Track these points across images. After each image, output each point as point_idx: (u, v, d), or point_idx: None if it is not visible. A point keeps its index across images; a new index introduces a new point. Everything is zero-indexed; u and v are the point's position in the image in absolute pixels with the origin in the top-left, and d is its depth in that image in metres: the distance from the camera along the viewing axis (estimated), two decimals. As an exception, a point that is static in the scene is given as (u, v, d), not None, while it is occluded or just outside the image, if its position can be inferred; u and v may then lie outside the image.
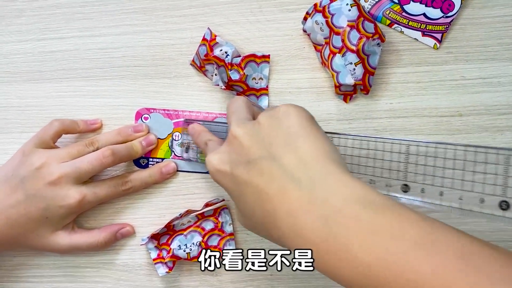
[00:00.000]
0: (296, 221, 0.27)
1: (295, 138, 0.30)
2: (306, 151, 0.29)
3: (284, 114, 0.31)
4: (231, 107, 0.36)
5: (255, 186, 0.29)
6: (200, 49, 0.44)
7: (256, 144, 0.31)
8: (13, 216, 0.40)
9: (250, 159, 0.30)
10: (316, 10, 0.42)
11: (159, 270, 0.43)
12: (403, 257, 0.23)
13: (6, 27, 0.47)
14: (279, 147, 0.30)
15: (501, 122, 0.43)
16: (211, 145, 0.37)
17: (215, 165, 0.32)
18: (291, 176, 0.28)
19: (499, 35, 0.43)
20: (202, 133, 0.40)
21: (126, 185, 0.43)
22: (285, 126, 0.31)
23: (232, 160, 0.31)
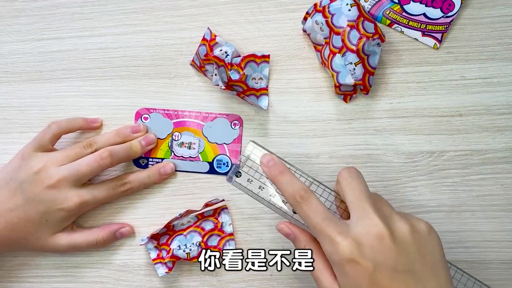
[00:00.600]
0: None
1: (439, 266, 0.33)
2: (445, 281, 0.32)
3: (430, 236, 0.33)
4: (357, 183, 0.35)
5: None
6: (200, 49, 0.44)
7: (404, 256, 0.32)
8: (13, 219, 0.40)
9: (398, 269, 0.31)
10: (316, 10, 0.42)
11: (158, 270, 0.43)
12: None
13: (6, 27, 0.47)
14: (426, 269, 0.32)
15: (501, 122, 0.43)
16: (316, 205, 0.34)
17: (355, 255, 0.31)
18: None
19: (499, 35, 0.43)
20: (285, 171, 0.36)
21: (125, 187, 0.43)
22: (431, 250, 0.33)
23: (376, 260, 0.31)
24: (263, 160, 0.37)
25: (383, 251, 0.31)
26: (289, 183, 0.35)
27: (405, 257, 0.32)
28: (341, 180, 0.35)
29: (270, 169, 0.37)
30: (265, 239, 0.44)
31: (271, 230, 0.44)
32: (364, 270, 0.31)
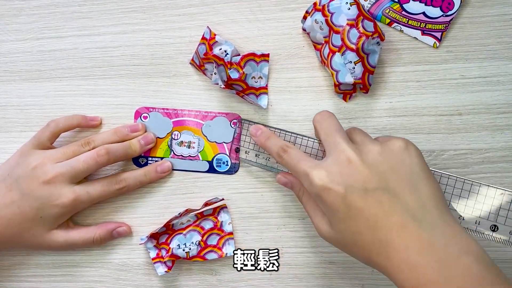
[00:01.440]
0: (412, 257, 0.29)
1: (417, 179, 0.32)
2: (427, 194, 0.32)
3: (405, 151, 0.34)
4: (329, 122, 0.37)
5: (371, 214, 0.31)
6: (199, 48, 0.44)
7: (374, 175, 0.32)
8: (8, 215, 0.40)
9: (368, 188, 0.32)
10: (316, 9, 0.42)
11: (158, 270, 0.43)
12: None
13: (5, 26, 0.47)
14: (401, 184, 0.32)
15: (500, 121, 0.43)
16: (295, 153, 0.37)
17: (326, 182, 0.33)
18: (412, 215, 0.31)
19: (498, 33, 0.43)
20: (272, 137, 0.40)
21: (120, 184, 0.43)
22: (407, 164, 0.33)
23: (346, 183, 0.32)
24: (252, 130, 0.42)
25: (352, 174, 0.33)
26: (274, 144, 0.39)
27: (376, 176, 0.32)
28: (315, 124, 0.38)
29: (258, 137, 0.41)
30: (265, 238, 0.44)
31: (271, 229, 0.44)
32: (337, 194, 0.32)
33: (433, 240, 0.30)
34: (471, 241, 0.30)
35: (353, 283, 0.44)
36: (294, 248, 0.44)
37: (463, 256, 0.29)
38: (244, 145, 0.44)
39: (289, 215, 0.44)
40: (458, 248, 0.29)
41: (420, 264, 0.29)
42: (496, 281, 0.29)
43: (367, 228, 0.31)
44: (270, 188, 0.44)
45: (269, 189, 0.44)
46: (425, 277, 0.29)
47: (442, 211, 0.32)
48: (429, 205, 0.31)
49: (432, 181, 0.33)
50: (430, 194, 0.32)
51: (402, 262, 0.30)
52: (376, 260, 0.31)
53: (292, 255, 0.44)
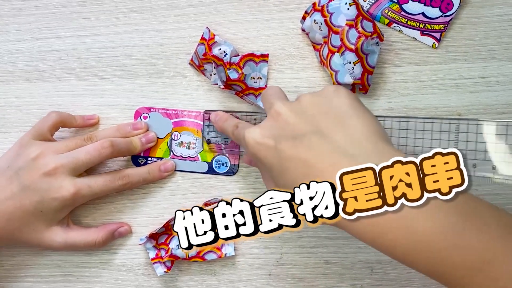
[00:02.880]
0: None
1: (346, 116, 0.31)
2: (358, 130, 0.30)
3: (333, 93, 0.32)
4: (269, 91, 0.37)
5: (303, 160, 0.29)
6: (198, 48, 0.44)
7: (303, 121, 0.31)
8: (9, 208, 0.40)
9: (297, 135, 0.31)
10: (315, 9, 0.42)
11: (157, 270, 0.43)
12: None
13: (4, 26, 0.47)
14: (329, 125, 0.30)
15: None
16: (243, 125, 0.38)
17: (256, 138, 0.32)
18: (344, 152, 0.29)
19: (498, 34, 0.43)
20: (229, 118, 0.41)
21: (123, 180, 0.42)
22: (335, 105, 0.32)
23: (276, 135, 0.31)
24: (211, 118, 0.43)
25: (281, 125, 0.32)
26: (229, 125, 0.39)
27: (304, 122, 0.31)
28: (261, 99, 0.38)
29: (217, 122, 0.42)
30: (264, 238, 0.44)
31: (270, 230, 0.44)
32: (268, 148, 0.31)
33: None
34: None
35: (352, 284, 0.44)
36: (293, 249, 0.44)
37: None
38: (213, 135, 0.44)
39: (289, 215, 0.44)
40: None
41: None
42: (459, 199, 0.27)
43: (302, 176, 0.29)
44: (269, 188, 0.44)
45: (269, 189, 0.44)
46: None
47: (377, 142, 0.29)
48: (362, 139, 0.29)
49: (364, 115, 0.31)
50: (361, 128, 0.30)
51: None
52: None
53: (291, 255, 0.44)
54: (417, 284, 0.43)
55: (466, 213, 0.26)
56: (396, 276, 0.43)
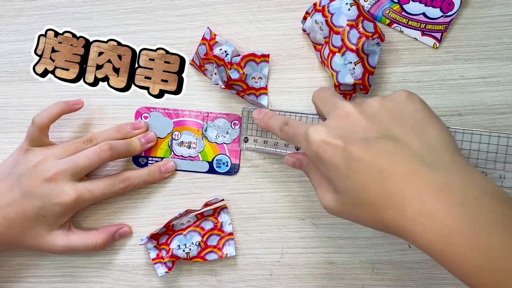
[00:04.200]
0: (428, 204, 0.26)
1: (422, 124, 0.30)
2: (434, 139, 0.29)
3: (407, 99, 0.31)
4: (326, 91, 0.36)
5: (375, 164, 0.28)
6: (199, 49, 0.44)
7: (375, 124, 0.30)
8: (10, 215, 0.40)
9: (369, 138, 0.29)
10: (316, 9, 0.42)
11: (158, 270, 0.43)
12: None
13: (5, 26, 0.47)
14: (404, 131, 0.29)
15: (500, 121, 0.43)
16: (295, 123, 0.36)
17: (323, 137, 0.30)
18: (421, 159, 0.28)
19: (498, 34, 0.43)
20: (275, 115, 0.39)
21: (124, 183, 0.43)
22: (410, 111, 0.31)
23: (345, 136, 0.30)
24: (254, 115, 0.41)
25: (350, 126, 0.31)
26: (275, 122, 0.38)
27: (377, 126, 0.30)
28: (314, 100, 0.37)
29: (261, 120, 0.40)
30: (265, 239, 0.44)
31: (271, 230, 0.44)
32: (335, 148, 0.30)
33: (448, 183, 0.26)
34: (488, 181, 0.28)
35: (353, 284, 0.44)
36: (294, 249, 0.44)
37: (484, 197, 0.26)
38: (252, 134, 0.43)
39: (289, 215, 0.44)
40: (477, 189, 0.26)
41: (438, 211, 0.26)
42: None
43: (372, 181, 0.28)
44: (270, 188, 0.44)
45: (269, 189, 0.44)
46: (447, 225, 0.25)
47: (453, 153, 0.29)
48: (438, 148, 0.28)
49: (439, 124, 0.30)
50: (437, 137, 0.29)
51: (417, 212, 0.26)
52: (387, 218, 0.28)
53: (292, 255, 0.44)
54: (418, 285, 0.43)
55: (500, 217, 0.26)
56: (397, 277, 0.43)
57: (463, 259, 0.25)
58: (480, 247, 0.25)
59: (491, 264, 0.24)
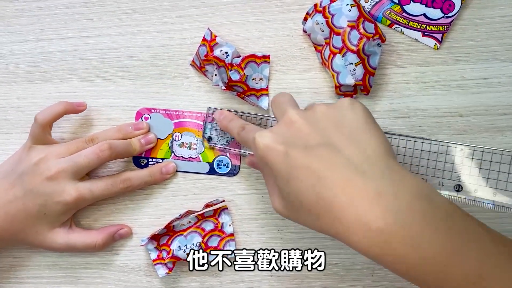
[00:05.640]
0: (361, 210, 0.27)
1: (360, 132, 0.31)
2: (370, 146, 0.30)
3: (348, 107, 0.32)
4: (282, 98, 0.37)
5: (312, 170, 0.29)
6: (200, 50, 0.44)
7: (316, 131, 0.31)
8: (12, 211, 0.40)
9: (309, 144, 0.31)
10: (316, 10, 0.42)
11: (159, 271, 0.43)
12: (467, 253, 0.26)
13: (6, 27, 0.47)
14: (341, 138, 0.30)
15: (501, 122, 0.43)
16: (251, 127, 0.38)
17: (267, 142, 0.32)
18: (355, 167, 0.29)
19: (499, 35, 0.43)
20: (235, 118, 0.41)
21: (125, 184, 0.43)
22: (350, 119, 0.32)
23: (288, 142, 0.31)
24: (215, 116, 0.43)
25: (293, 133, 0.32)
26: (235, 125, 0.39)
27: (318, 133, 0.31)
28: (271, 104, 0.38)
29: (222, 121, 0.42)
30: (265, 240, 0.44)
31: (271, 231, 0.44)
32: (278, 153, 0.31)
33: (381, 190, 0.27)
34: (421, 183, 0.29)
35: (354, 285, 0.44)
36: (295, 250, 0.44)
37: (416, 201, 0.27)
38: (216, 133, 0.44)
39: (290, 216, 0.44)
40: (409, 193, 0.27)
41: (372, 217, 0.26)
42: (455, 218, 0.28)
43: (309, 187, 0.29)
44: (270, 189, 0.44)
45: (270, 190, 0.44)
46: (382, 230, 0.26)
47: (387, 160, 0.29)
48: (374, 156, 0.29)
49: (376, 133, 0.31)
50: (374, 145, 0.30)
51: (352, 220, 0.27)
52: (326, 223, 0.29)
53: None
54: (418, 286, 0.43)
55: (464, 230, 0.27)
56: (398, 278, 0.43)
57: (400, 261, 0.27)
58: (414, 249, 0.26)
59: (425, 263, 0.26)
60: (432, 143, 0.37)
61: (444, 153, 0.37)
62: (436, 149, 0.37)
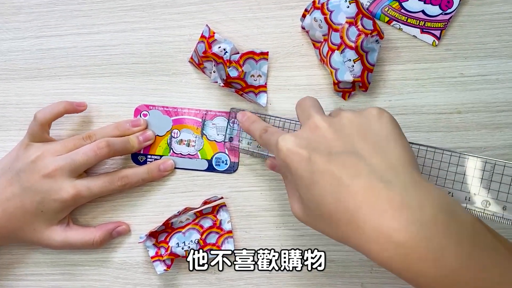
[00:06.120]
0: (384, 222, 0.26)
1: (385, 142, 0.31)
2: (395, 157, 0.30)
3: (376, 116, 0.32)
4: (308, 101, 0.36)
5: (335, 177, 0.29)
6: (198, 46, 0.44)
7: (341, 139, 0.31)
8: (10, 209, 0.40)
9: (333, 151, 0.30)
10: (315, 7, 0.42)
11: (157, 268, 0.43)
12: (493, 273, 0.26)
13: (4, 24, 0.47)
14: (367, 147, 0.30)
15: (500, 119, 0.43)
16: (273, 130, 0.37)
17: (290, 146, 0.31)
18: (379, 176, 0.28)
19: (497, 32, 0.43)
20: (257, 120, 0.41)
21: (122, 181, 0.43)
22: (376, 128, 0.31)
23: (311, 147, 0.31)
24: (238, 117, 0.42)
25: (317, 139, 0.32)
26: (257, 127, 0.39)
27: (342, 140, 0.31)
28: (296, 108, 0.37)
29: (244, 122, 0.41)
30: (264, 237, 0.44)
31: (270, 228, 0.44)
32: (301, 158, 0.30)
33: (405, 201, 0.27)
34: (446, 197, 0.28)
35: (352, 282, 0.44)
36: (293, 247, 0.44)
37: (440, 214, 0.26)
38: (237, 134, 0.44)
39: (288, 213, 0.44)
40: (434, 207, 0.27)
41: (395, 229, 0.26)
42: (479, 234, 0.27)
43: (330, 194, 0.28)
44: (269, 186, 0.44)
45: (268, 187, 0.44)
46: (404, 243, 0.26)
47: (412, 172, 0.29)
48: (398, 167, 0.29)
49: (402, 144, 0.31)
50: (399, 156, 0.30)
51: (374, 230, 0.26)
52: (346, 233, 0.28)
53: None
54: (417, 282, 0.43)
55: (487, 245, 0.27)
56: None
57: (420, 275, 0.26)
58: (435, 263, 0.25)
59: (446, 278, 0.25)
60: (461, 156, 0.36)
61: (473, 168, 0.35)
62: (464, 162, 0.36)
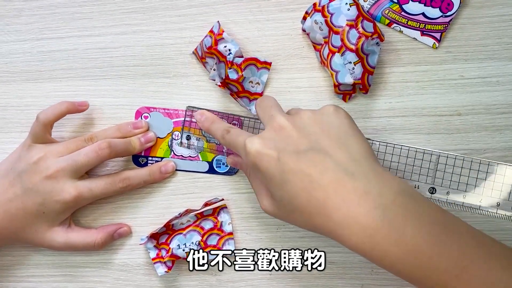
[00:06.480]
0: (352, 209, 0.30)
1: (346, 137, 0.34)
2: (356, 150, 0.33)
3: (334, 113, 0.35)
4: (267, 102, 0.38)
5: (306, 174, 0.31)
6: (205, 40, 0.44)
7: (306, 137, 0.33)
8: (11, 210, 0.40)
9: (300, 149, 0.33)
10: (315, 9, 0.43)
11: (158, 270, 0.43)
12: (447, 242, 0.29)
13: (5, 26, 0.47)
14: (330, 143, 0.33)
15: (500, 121, 0.43)
16: (236, 131, 0.38)
17: (258, 148, 0.33)
18: (345, 170, 0.31)
19: (498, 34, 0.44)
20: (217, 120, 0.41)
21: (124, 183, 0.43)
22: (335, 125, 0.34)
23: (279, 147, 0.33)
24: (196, 117, 0.42)
25: (284, 139, 0.34)
26: (218, 128, 0.39)
27: (307, 138, 0.33)
28: (255, 108, 0.39)
29: (203, 123, 0.41)
30: (265, 238, 0.44)
31: (270, 230, 0.44)
32: (270, 159, 0.33)
33: (368, 189, 0.30)
34: (403, 183, 0.32)
35: (352, 283, 0.44)
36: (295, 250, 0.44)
37: (399, 198, 0.30)
38: (196, 132, 0.45)
39: (289, 215, 0.44)
40: (393, 192, 0.30)
41: (361, 214, 0.29)
42: (436, 212, 0.30)
43: (303, 189, 0.31)
44: (270, 188, 0.44)
45: (269, 189, 0.44)
46: (370, 226, 0.29)
47: (372, 163, 0.32)
48: (360, 159, 0.32)
49: (360, 138, 0.34)
50: (359, 149, 0.33)
51: (344, 217, 0.30)
52: (318, 222, 0.31)
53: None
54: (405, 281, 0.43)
55: (445, 224, 0.30)
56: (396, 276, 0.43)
57: (385, 254, 0.29)
58: (398, 242, 0.28)
59: (408, 255, 0.28)
60: (411, 149, 0.40)
61: (420, 159, 0.40)
62: (413, 155, 0.40)
